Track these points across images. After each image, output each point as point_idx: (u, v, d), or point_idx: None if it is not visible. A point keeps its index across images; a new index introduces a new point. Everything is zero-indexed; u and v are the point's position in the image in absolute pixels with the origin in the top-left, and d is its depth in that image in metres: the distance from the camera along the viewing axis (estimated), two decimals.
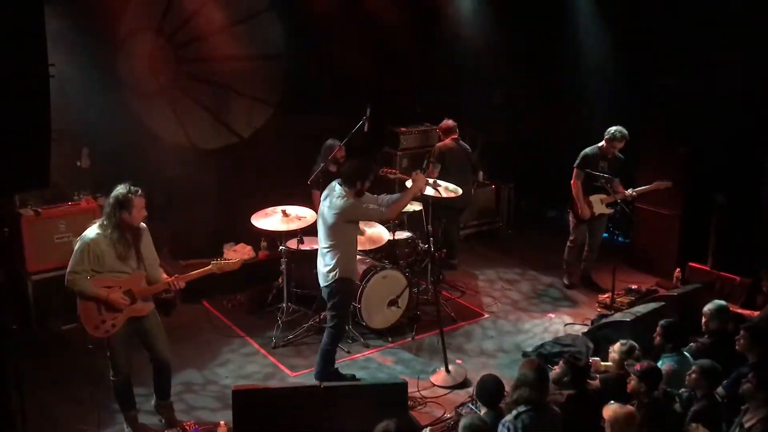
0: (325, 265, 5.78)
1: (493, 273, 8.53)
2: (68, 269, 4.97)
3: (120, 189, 4.97)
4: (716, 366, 4.78)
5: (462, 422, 4.26)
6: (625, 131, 7.48)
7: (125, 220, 4.96)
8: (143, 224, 5.18)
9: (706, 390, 4.71)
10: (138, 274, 5.10)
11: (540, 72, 9.42)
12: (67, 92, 6.51)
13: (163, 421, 5.55)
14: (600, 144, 7.62)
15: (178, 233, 7.10)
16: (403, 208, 6.05)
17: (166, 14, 7.53)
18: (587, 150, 7.65)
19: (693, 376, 4.76)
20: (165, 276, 5.25)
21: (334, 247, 5.70)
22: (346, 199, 5.62)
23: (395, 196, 5.99)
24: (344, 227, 5.69)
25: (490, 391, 4.64)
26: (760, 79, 7.51)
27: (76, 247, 4.99)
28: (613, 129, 7.51)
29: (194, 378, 6.20)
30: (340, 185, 5.71)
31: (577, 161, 7.64)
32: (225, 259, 5.39)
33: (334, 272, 5.70)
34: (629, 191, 7.58)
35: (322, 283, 5.85)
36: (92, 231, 5.00)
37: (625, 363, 5.09)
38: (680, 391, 4.94)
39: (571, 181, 7.68)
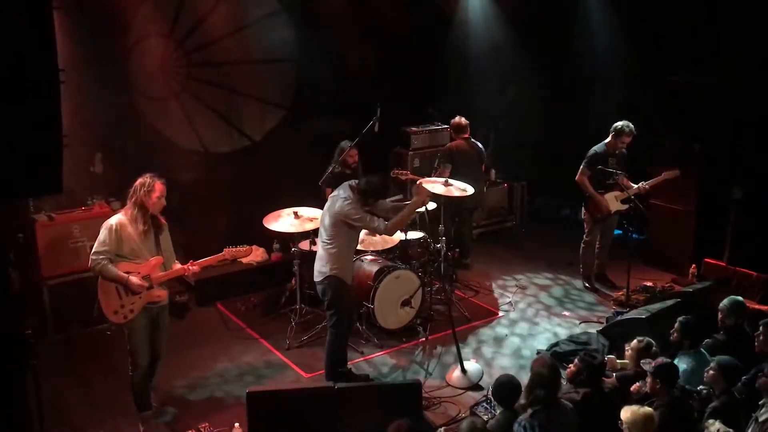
0: (319, 260, 5.79)
1: (507, 272, 8.49)
2: (93, 250, 5.16)
3: (144, 175, 5.23)
4: (735, 362, 4.72)
5: (461, 425, 4.26)
6: (631, 125, 7.41)
7: (145, 203, 5.16)
8: (164, 221, 5.37)
9: (724, 387, 4.66)
10: (155, 260, 5.27)
11: (552, 69, 9.37)
12: (79, 98, 6.56)
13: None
14: (606, 140, 7.56)
15: (192, 236, 7.12)
16: (405, 224, 5.93)
17: (177, 19, 7.57)
18: (595, 148, 7.59)
19: (711, 372, 4.70)
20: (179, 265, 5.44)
21: (331, 245, 5.70)
22: (352, 204, 5.62)
23: (398, 213, 5.84)
24: (343, 228, 5.68)
25: (506, 391, 4.63)
26: None
27: (102, 230, 5.18)
28: (620, 123, 7.45)
29: (210, 379, 6.22)
30: (352, 189, 5.71)
31: (587, 159, 7.58)
32: (237, 247, 5.59)
33: (325, 269, 5.71)
34: (641, 184, 7.51)
35: (315, 279, 5.84)
36: (117, 216, 5.23)
37: (642, 362, 5.04)
38: (699, 388, 4.90)
39: (577, 178, 7.62)
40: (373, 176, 5.82)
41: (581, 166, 7.61)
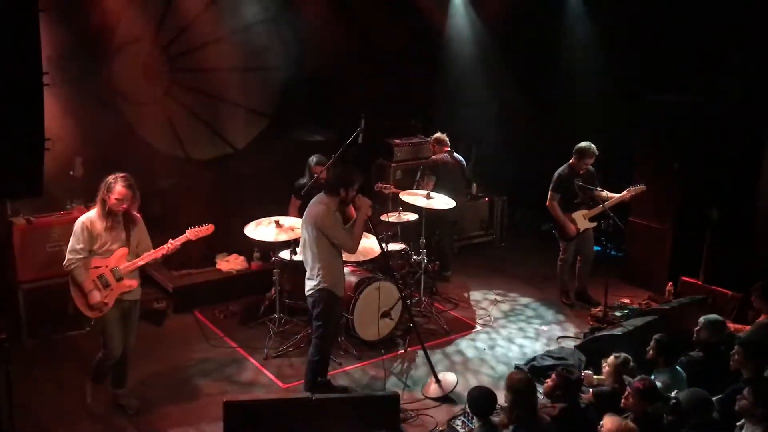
0: (307, 274, 5.74)
1: (486, 285, 8.52)
2: (68, 249, 5.24)
3: (114, 174, 5.31)
4: (703, 396, 4.73)
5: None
6: (593, 146, 7.47)
7: (106, 201, 5.26)
8: (137, 214, 5.47)
9: (704, 417, 4.66)
10: (120, 252, 5.35)
11: (534, 85, 9.47)
12: (62, 101, 6.51)
13: (127, 408, 5.67)
14: (570, 162, 7.63)
15: None
16: (360, 238, 5.72)
17: (162, 24, 7.56)
18: (559, 171, 7.67)
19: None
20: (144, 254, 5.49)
21: (317, 257, 5.63)
22: (327, 212, 5.56)
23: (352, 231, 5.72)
24: (322, 238, 5.60)
25: (482, 402, 4.62)
26: (753, 94, 7.56)
27: (75, 228, 5.25)
28: (582, 145, 7.50)
29: (186, 388, 6.15)
30: (325, 192, 5.68)
31: (552, 184, 7.67)
32: (199, 226, 5.75)
33: (316, 281, 5.65)
34: (606, 203, 7.49)
35: (306, 291, 5.78)
36: (87, 213, 5.34)
37: (624, 378, 5.07)
38: (669, 395, 4.91)
39: (547, 204, 7.72)
40: (337, 168, 5.74)
41: (549, 191, 7.69)
